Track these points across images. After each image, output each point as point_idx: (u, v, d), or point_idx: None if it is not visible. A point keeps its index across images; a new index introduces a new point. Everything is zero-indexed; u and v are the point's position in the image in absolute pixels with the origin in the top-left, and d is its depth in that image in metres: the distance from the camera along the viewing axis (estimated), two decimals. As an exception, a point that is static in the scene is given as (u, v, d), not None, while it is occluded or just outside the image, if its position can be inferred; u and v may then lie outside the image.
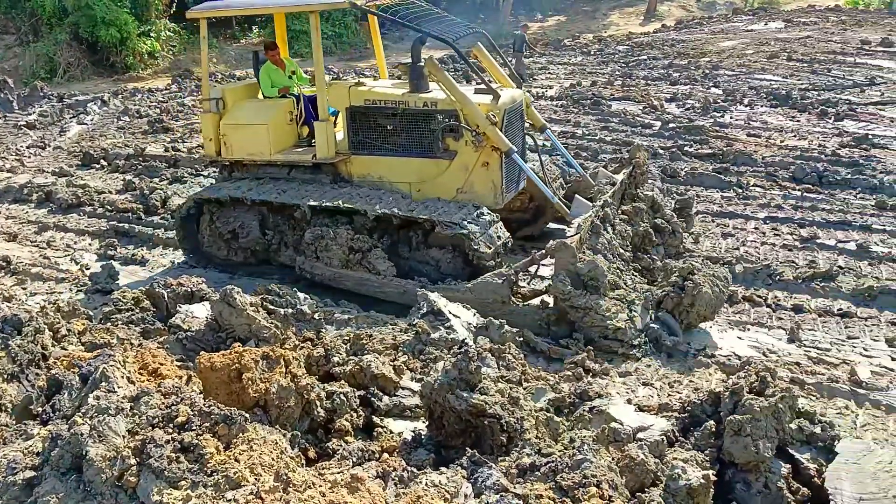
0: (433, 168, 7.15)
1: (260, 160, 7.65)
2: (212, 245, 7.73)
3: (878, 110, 14.41)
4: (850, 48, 22.16)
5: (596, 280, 5.84)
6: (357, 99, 7.25)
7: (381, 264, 6.71)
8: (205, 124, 7.86)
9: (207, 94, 7.82)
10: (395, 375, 4.64)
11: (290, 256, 7.34)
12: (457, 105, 6.89)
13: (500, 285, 6.11)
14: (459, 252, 6.69)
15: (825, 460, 4.02)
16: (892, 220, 8.65)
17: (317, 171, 7.48)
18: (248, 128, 7.56)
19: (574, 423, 4.34)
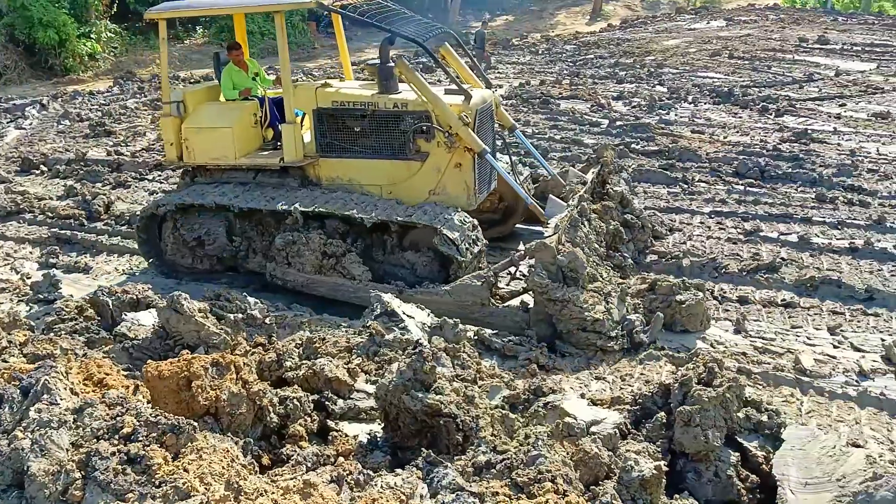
0: (404, 170, 7.06)
1: (224, 164, 7.46)
2: (175, 253, 7.48)
3: (817, 106, 14.89)
4: (788, 46, 22.85)
5: (575, 272, 5.83)
6: (324, 100, 7.12)
7: (356, 269, 6.58)
8: (165, 128, 7.61)
9: (168, 97, 7.59)
10: (350, 378, 4.60)
11: (259, 263, 7.17)
12: (428, 106, 6.81)
13: (479, 287, 6.08)
14: (436, 255, 6.61)
15: (772, 447, 4.13)
16: (832, 213, 8.94)
17: (284, 174, 7.32)
18: (212, 131, 7.37)
19: (529, 419, 4.36)
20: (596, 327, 5.68)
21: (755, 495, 3.99)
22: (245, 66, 8.07)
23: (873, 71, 18.56)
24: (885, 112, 13.89)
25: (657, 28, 29.67)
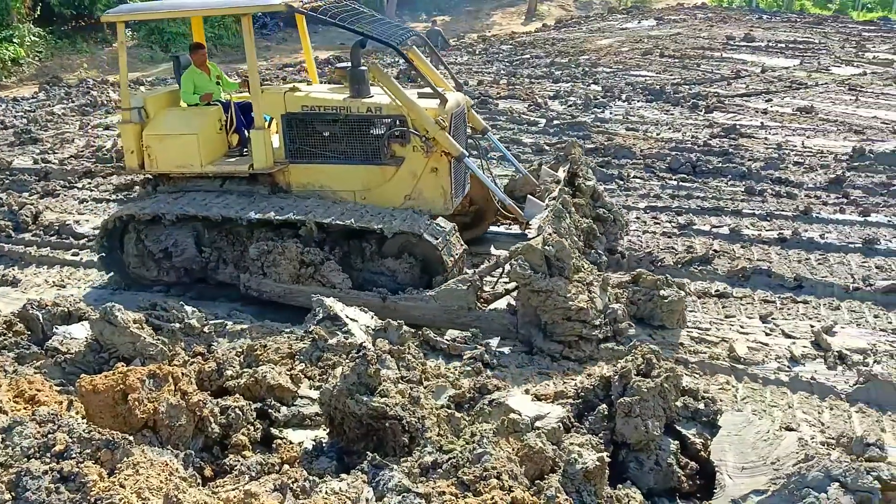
0: (379, 175, 6.94)
1: (190, 173, 7.20)
2: (140, 266, 7.18)
3: (744, 101, 15.40)
4: (716, 44, 23.56)
5: (562, 261, 5.83)
6: (294, 105, 6.94)
7: (336, 277, 6.43)
8: (125, 135, 7.30)
9: (128, 104, 7.27)
10: (293, 385, 4.55)
11: (229, 274, 6.93)
12: (403, 110, 6.70)
13: (465, 291, 6.03)
14: (417, 261, 6.55)
15: (710, 434, 4.26)
16: (761, 205, 9.26)
17: (253, 182, 7.12)
18: (176, 138, 7.10)
19: (475, 417, 4.39)
20: (580, 316, 5.66)
21: (695, 481, 4.11)
22: (207, 69, 7.82)
23: (797, 67, 19.29)
24: (808, 107, 14.45)
25: (590, 28, 30.20)
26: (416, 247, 6.49)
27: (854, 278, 7.13)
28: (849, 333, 6.08)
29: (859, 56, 20.84)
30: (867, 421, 5.01)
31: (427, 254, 6.48)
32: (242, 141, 7.49)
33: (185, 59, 7.82)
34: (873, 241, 7.90)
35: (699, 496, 4.06)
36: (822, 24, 29.06)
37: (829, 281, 7.03)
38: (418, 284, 6.49)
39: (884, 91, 16.16)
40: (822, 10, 34.52)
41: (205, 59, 7.77)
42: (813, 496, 3.51)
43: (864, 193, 9.60)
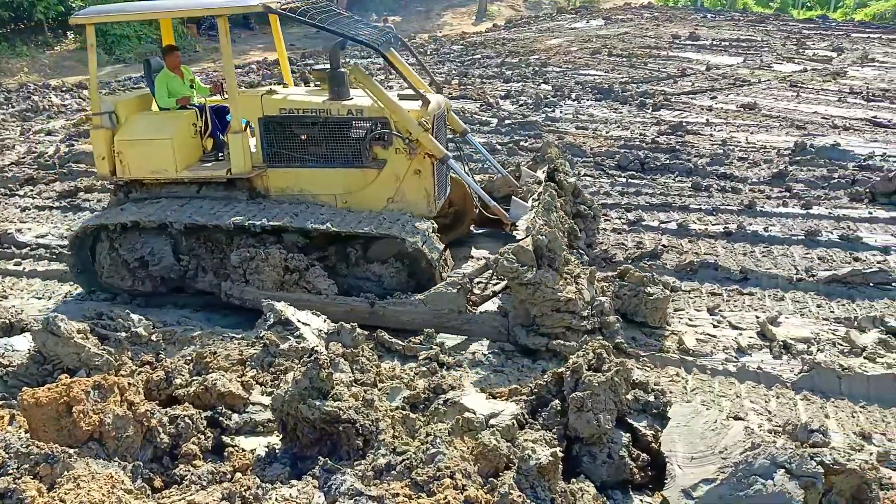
0: (360, 178, 6.83)
1: (164, 178, 6.98)
2: (113, 275, 6.89)
3: (690, 99, 15.74)
4: (663, 43, 24.03)
5: (553, 252, 5.80)
6: (271, 108, 6.79)
7: (322, 283, 6.29)
8: (96, 141, 7.02)
9: (98, 108, 7.00)
10: (244, 391, 4.49)
11: (209, 282, 6.73)
12: (386, 112, 6.60)
13: (455, 295, 5.97)
14: (404, 265, 6.47)
15: (660, 426, 4.33)
16: (707, 200, 9.47)
17: (230, 187, 6.94)
18: (149, 143, 6.88)
19: (430, 417, 4.39)
20: (569, 307, 5.65)
21: (647, 473, 4.18)
22: (181, 72, 7.62)
23: (740, 65, 19.78)
24: (752, 103, 14.83)
25: (540, 28, 30.49)
26: (403, 250, 6.39)
27: (797, 270, 7.34)
28: (793, 323, 6.25)
29: (800, 53, 21.48)
30: (812, 408, 5.15)
31: (414, 258, 6.38)
32: (218, 145, 7.30)
33: (157, 63, 7.63)
34: (815, 234, 8.14)
35: (651, 487, 4.13)
36: (764, 23, 29.88)
37: (774, 273, 7.21)
38: (405, 289, 6.40)
39: (823, 87, 16.68)
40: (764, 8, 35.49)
41: (178, 61, 7.60)
42: (760, 483, 3.61)
43: (806, 187, 9.89)
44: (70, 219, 9.31)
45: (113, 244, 6.86)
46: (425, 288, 6.27)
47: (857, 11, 32.38)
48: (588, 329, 5.71)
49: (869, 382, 5.33)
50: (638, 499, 4.07)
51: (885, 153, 11.32)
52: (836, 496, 3.73)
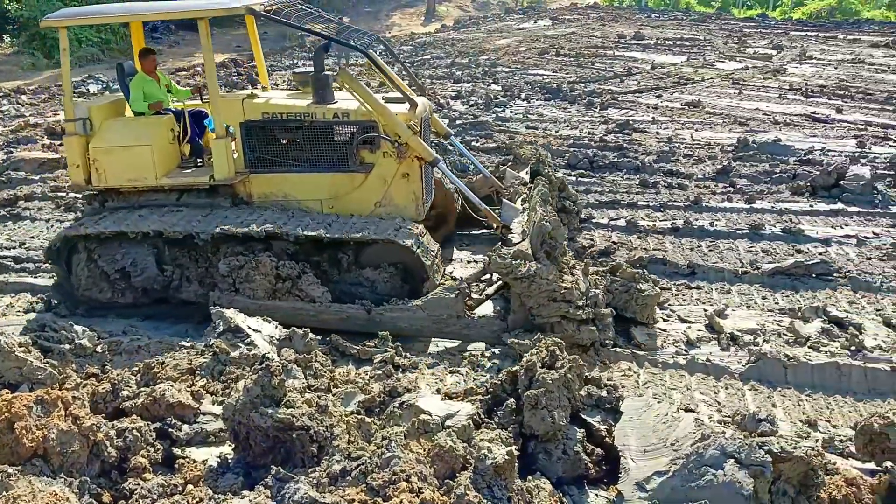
0: (347, 182, 6.72)
1: (144, 186, 6.74)
2: (92, 287, 6.63)
3: (636, 98, 16.01)
4: (609, 42, 24.40)
5: (555, 239, 5.76)
6: (253, 113, 6.64)
7: (316, 290, 6.14)
8: (70, 148, 6.74)
9: (72, 114, 6.70)
10: (194, 401, 4.40)
11: (194, 292, 6.53)
12: (373, 115, 6.51)
13: (453, 300, 5.90)
14: (398, 269, 6.40)
15: (613, 420, 4.39)
16: (655, 197, 9.64)
17: (213, 194, 6.75)
18: (127, 150, 6.63)
19: (385, 421, 4.37)
20: (566, 296, 5.63)
21: (601, 467, 4.23)
22: (157, 76, 7.37)
23: (684, 63, 20.20)
24: (696, 101, 15.16)
25: (489, 28, 30.66)
26: (397, 255, 6.31)
27: (742, 263, 7.52)
28: (739, 315, 6.40)
29: (741, 51, 22.03)
30: (759, 398, 5.29)
31: (409, 262, 6.30)
32: (196, 151, 7.13)
33: (130, 66, 7.41)
34: (759, 227, 8.36)
35: (606, 481, 4.18)
36: (706, 22, 30.59)
37: (720, 266, 7.38)
38: (400, 294, 6.31)
39: (764, 84, 17.14)
40: (706, 8, 36.32)
41: (154, 65, 7.38)
42: (711, 473, 3.69)
43: (749, 182, 10.15)
44: (10, 228, 9.00)
45: (91, 255, 6.60)
46: (419, 293, 6.22)
47: (794, 10, 33.38)
48: (582, 319, 5.68)
49: (813, 371, 5.49)
50: (593, 493, 4.11)
51: (824, 147, 11.70)
52: (784, 483, 3.84)
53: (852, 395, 5.28)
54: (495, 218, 7.13)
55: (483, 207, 7.08)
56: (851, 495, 3.89)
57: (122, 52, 23.81)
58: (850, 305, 6.59)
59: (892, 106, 14.82)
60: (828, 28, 27.85)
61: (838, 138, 12.49)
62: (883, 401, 5.21)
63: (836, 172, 9.61)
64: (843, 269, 7.23)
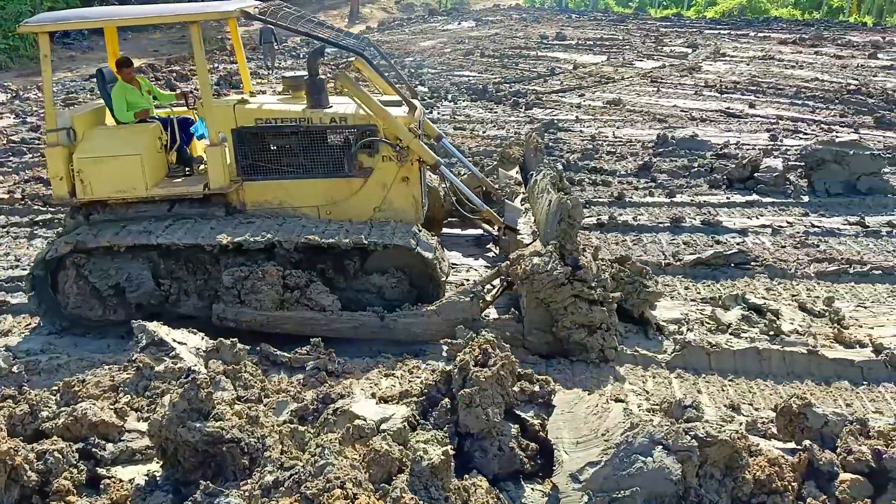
0: (344, 188, 6.60)
1: (133, 197, 6.44)
2: (81, 305, 6.34)
3: (560, 97, 16.30)
4: (532, 43, 24.79)
5: (573, 219, 5.71)
6: (246, 119, 6.44)
7: (325, 299, 6.01)
8: (52, 160, 6.39)
9: (54, 124, 6.35)
10: (118, 419, 4.24)
11: (193, 306, 6.32)
12: (372, 119, 6.41)
13: (469, 303, 5.86)
14: (406, 274, 6.31)
15: (546, 414, 4.45)
16: (580, 193, 9.84)
17: (206, 203, 6.53)
18: (114, 160, 6.31)
19: (319, 428, 4.31)
20: (579, 275, 5.60)
21: (536, 461, 4.28)
22: (137, 83, 7.10)
23: (605, 63, 20.70)
24: (617, 99, 15.56)
25: (413, 30, 30.69)
26: (406, 260, 6.25)
27: (665, 255, 7.76)
28: (664, 306, 6.60)
29: (658, 50, 22.74)
30: (685, 385, 5.46)
31: (418, 267, 6.23)
32: (185, 160, 6.90)
33: (110, 73, 7.09)
34: (679, 220, 8.64)
35: (541, 475, 4.23)
36: (624, 22, 31.42)
37: (645, 259, 7.59)
38: (408, 299, 6.25)
39: (681, 82, 17.73)
40: (624, 8, 37.33)
41: (133, 73, 7.09)
42: (640, 461, 3.77)
43: (669, 177, 10.48)
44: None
45: (80, 272, 6.29)
46: (428, 296, 6.19)
47: (708, 9, 34.63)
48: (592, 299, 5.66)
49: (735, 357, 5.71)
50: (529, 487, 4.16)
51: (739, 141, 12.18)
52: (711, 466, 3.97)
53: (772, 379, 5.52)
54: (497, 219, 7.10)
55: (485, 209, 7.06)
56: (774, 474, 4.05)
57: (30, 58, 22.80)
58: (768, 292, 6.88)
59: (801, 100, 15.56)
60: (739, 26, 29.03)
61: (752, 132, 13.03)
62: (801, 382, 5.46)
63: (751, 165, 10.02)
64: (759, 258, 7.54)
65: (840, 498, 4.05)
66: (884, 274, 7.18)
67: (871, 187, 9.57)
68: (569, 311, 5.61)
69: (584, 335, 5.61)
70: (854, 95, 15.56)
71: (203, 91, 6.37)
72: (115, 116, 6.87)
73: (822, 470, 4.18)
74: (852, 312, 6.47)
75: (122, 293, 6.30)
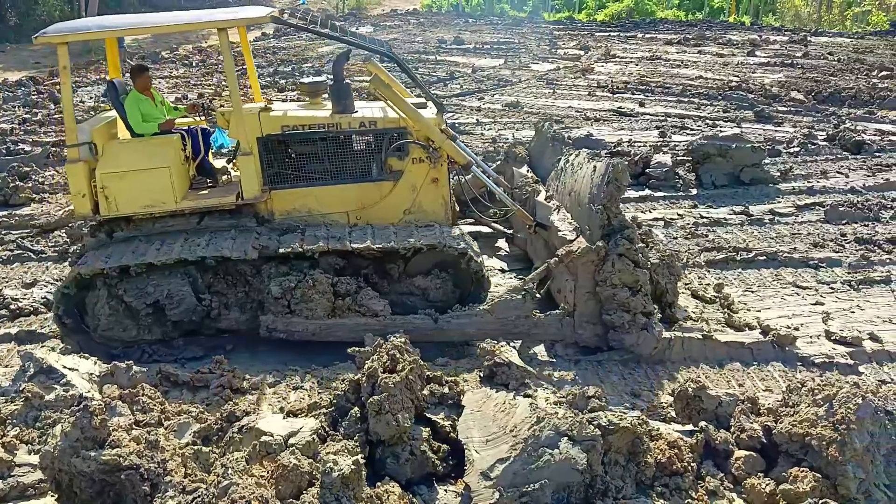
0: (374, 192, 6.53)
1: (161, 211, 6.20)
2: (114, 326, 6.03)
3: (460, 101, 16.48)
4: (430, 47, 24.95)
5: (619, 181, 5.76)
6: (272, 126, 6.27)
7: (377, 304, 5.95)
8: (74, 177, 6.05)
9: (75, 139, 5.97)
10: (6, 453, 3.99)
11: (235, 319, 6.16)
12: (402, 122, 6.38)
13: (521, 301, 5.88)
14: (448, 275, 6.30)
15: (456, 415, 4.50)
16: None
17: (237, 214, 6.35)
18: (142, 174, 6.07)
19: (224, 448, 4.20)
20: (626, 234, 5.76)
21: (449, 463, 4.31)
22: (151, 94, 6.79)
23: (502, 66, 21.08)
24: (515, 102, 15.87)
25: (310, 36, 30.31)
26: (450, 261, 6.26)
27: (567, 251, 7.96)
28: (567, 301, 6.77)
29: (553, 53, 23.34)
30: (586, 375, 5.62)
31: (464, 267, 6.25)
32: (206, 171, 6.70)
33: (120, 84, 6.73)
34: (580, 217, 8.89)
35: (454, 476, 4.27)
36: (519, 26, 32.10)
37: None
38: (451, 300, 6.27)
39: (575, 83, 18.26)
40: (519, 12, 38.13)
41: (149, 83, 6.81)
42: (548, 454, 3.87)
43: (568, 175, 10.77)
44: None
45: (112, 291, 5.99)
46: (470, 296, 6.25)
47: (598, 12, 35.85)
48: (636, 259, 5.76)
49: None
50: (442, 489, 4.19)
51: (631, 139, 12.66)
52: (615, 453, 4.11)
53: (670, 364, 5.76)
54: (527, 216, 7.10)
55: (516, 207, 7.07)
56: (674, 456, 4.23)
57: None
58: (663, 282, 7.17)
59: (687, 97, 16.33)
60: (628, 28, 30.19)
61: (642, 130, 13.58)
62: (697, 367, 5.72)
63: (642, 161, 10.44)
64: (654, 250, 7.85)
65: (736, 474, 4.28)
66: (768, 259, 7.62)
67: (753, 178, 10.14)
68: (616, 269, 5.71)
69: (627, 295, 5.71)
70: (735, 92, 16.45)
71: (233, 98, 6.22)
72: (131, 129, 6.58)
73: (719, 449, 4.40)
74: (740, 297, 6.84)
75: (160, 311, 6.09)
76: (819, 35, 27.02)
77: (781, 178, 10.29)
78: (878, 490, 3.96)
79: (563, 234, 6.25)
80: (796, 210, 9.15)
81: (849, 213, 8.86)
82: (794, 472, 4.08)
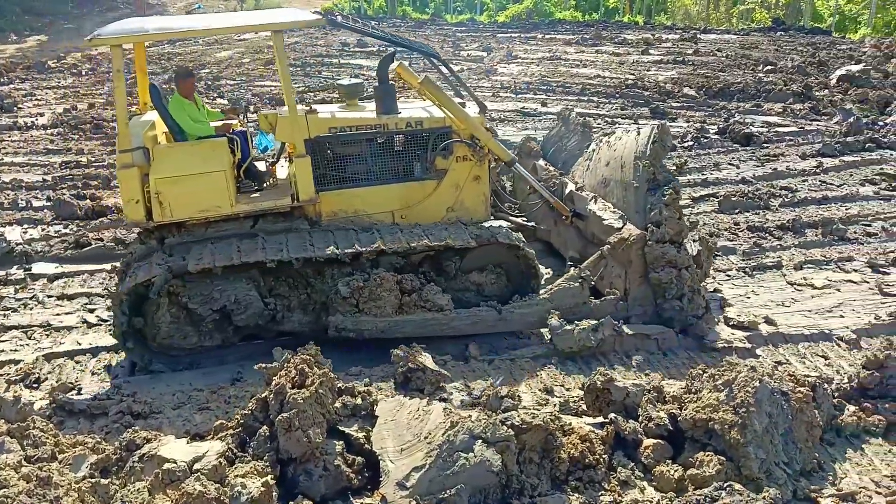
0: (419, 191, 6.59)
1: (216, 216, 6.08)
2: (175, 334, 6.00)
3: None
4: (333, 51, 24.70)
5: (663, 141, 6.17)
6: (319, 129, 6.26)
7: (441, 299, 6.05)
8: (127, 183, 5.88)
9: (129, 144, 5.82)
10: None
11: (298, 321, 6.19)
12: (450, 121, 6.48)
13: (579, 289, 6.16)
14: (503, 269, 6.50)
15: (371, 426, 4.41)
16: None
17: (289, 217, 6.29)
18: (198, 178, 5.95)
19: (125, 479, 3.98)
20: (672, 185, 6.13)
21: (364, 475, 4.23)
22: (194, 98, 6.64)
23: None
24: (420, 103, 15.87)
25: (207, 40, 29.40)
26: (504, 256, 6.43)
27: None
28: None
29: (456, 55, 23.49)
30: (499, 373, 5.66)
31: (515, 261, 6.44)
32: (252, 174, 6.57)
33: (161, 87, 6.71)
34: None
35: (370, 488, 4.19)
36: (422, 27, 32.18)
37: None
38: (506, 294, 6.43)
39: (479, 84, 18.44)
40: (421, 14, 38.22)
41: (193, 88, 6.73)
42: (462, 458, 3.85)
43: (475, 175, 10.85)
44: None
45: (173, 299, 5.94)
46: (524, 289, 6.41)
47: (499, 14, 36.38)
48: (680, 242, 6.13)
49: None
50: (359, 502, 4.10)
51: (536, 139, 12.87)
52: (530, 451, 4.14)
53: (581, 359, 5.87)
54: (564, 208, 7.14)
55: (553, 200, 7.12)
56: (586, 450, 4.31)
57: None
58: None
59: (587, 96, 16.77)
60: (528, 29, 30.76)
61: (546, 129, 13.84)
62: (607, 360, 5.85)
63: (547, 159, 10.64)
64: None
65: (646, 463, 4.39)
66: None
67: (651, 172, 10.51)
68: (664, 217, 6.01)
69: (673, 275, 6.02)
70: (632, 89, 17.00)
71: (288, 100, 6.16)
72: (175, 133, 6.34)
73: (628, 439, 4.51)
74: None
75: (225, 317, 6.06)
76: (708, 33, 28.29)
77: (677, 172, 10.68)
78: (777, 468, 4.15)
79: (610, 223, 6.49)
80: (692, 202, 9.52)
81: (741, 203, 9.29)
82: (700, 456, 4.22)
